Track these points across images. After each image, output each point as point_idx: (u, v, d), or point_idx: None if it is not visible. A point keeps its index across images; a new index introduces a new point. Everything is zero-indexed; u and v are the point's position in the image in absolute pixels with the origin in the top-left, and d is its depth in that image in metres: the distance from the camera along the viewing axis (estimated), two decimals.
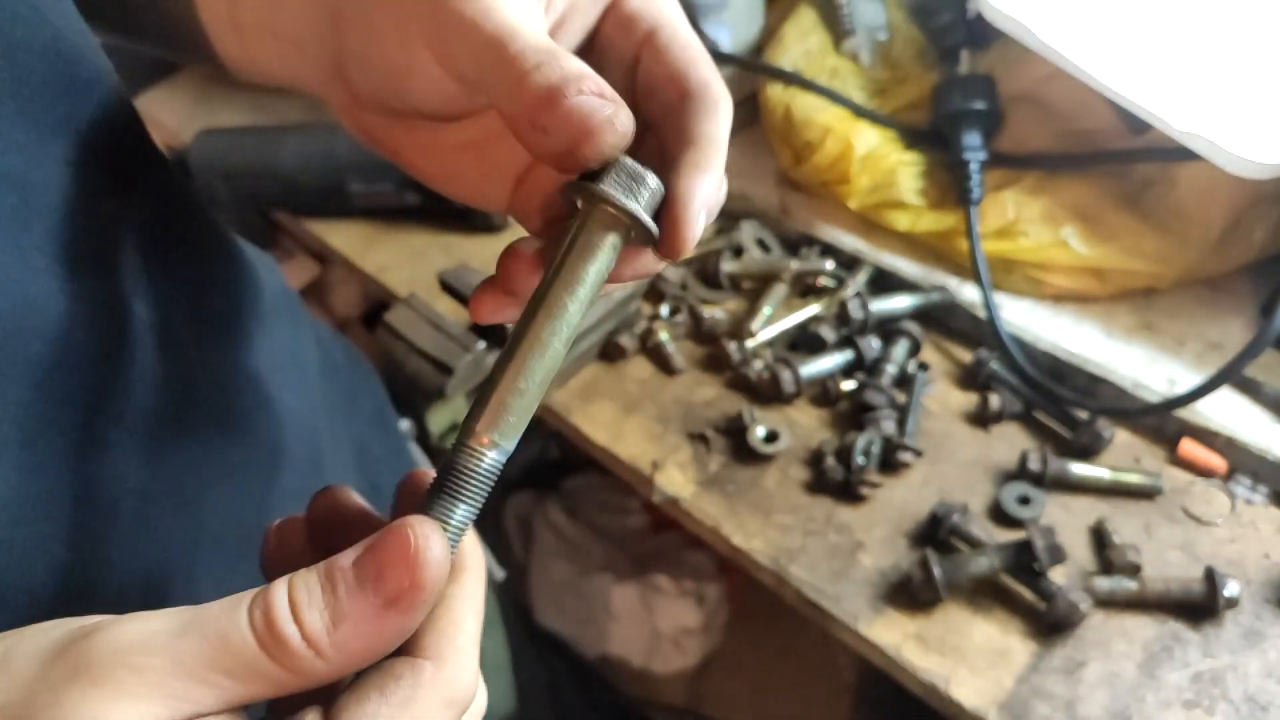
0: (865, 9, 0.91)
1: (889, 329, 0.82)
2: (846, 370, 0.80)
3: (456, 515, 0.30)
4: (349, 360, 0.73)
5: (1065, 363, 0.77)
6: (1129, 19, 0.77)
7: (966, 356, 0.81)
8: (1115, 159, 0.81)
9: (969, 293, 0.82)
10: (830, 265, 0.85)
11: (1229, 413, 0.72)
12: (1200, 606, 0.64)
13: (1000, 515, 0.71)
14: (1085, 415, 0.74)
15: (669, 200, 0.33)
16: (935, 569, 0.65)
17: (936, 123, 0.84)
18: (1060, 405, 0.76)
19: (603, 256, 0.32)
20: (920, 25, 0.90)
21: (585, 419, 0.80)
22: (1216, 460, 0.72)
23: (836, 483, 0.73)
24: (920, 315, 0.84)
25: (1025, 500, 0.71)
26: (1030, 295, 0.82)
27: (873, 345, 0.80)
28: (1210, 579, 0.64)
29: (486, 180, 0.41)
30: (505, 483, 1.62)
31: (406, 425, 0.89)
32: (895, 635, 0.66)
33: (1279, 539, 0.68)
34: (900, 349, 0.80)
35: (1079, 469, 0.72)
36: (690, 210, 0.33)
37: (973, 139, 0.82)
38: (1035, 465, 0.71)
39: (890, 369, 0.79)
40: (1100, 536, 0.69)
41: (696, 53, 0.37)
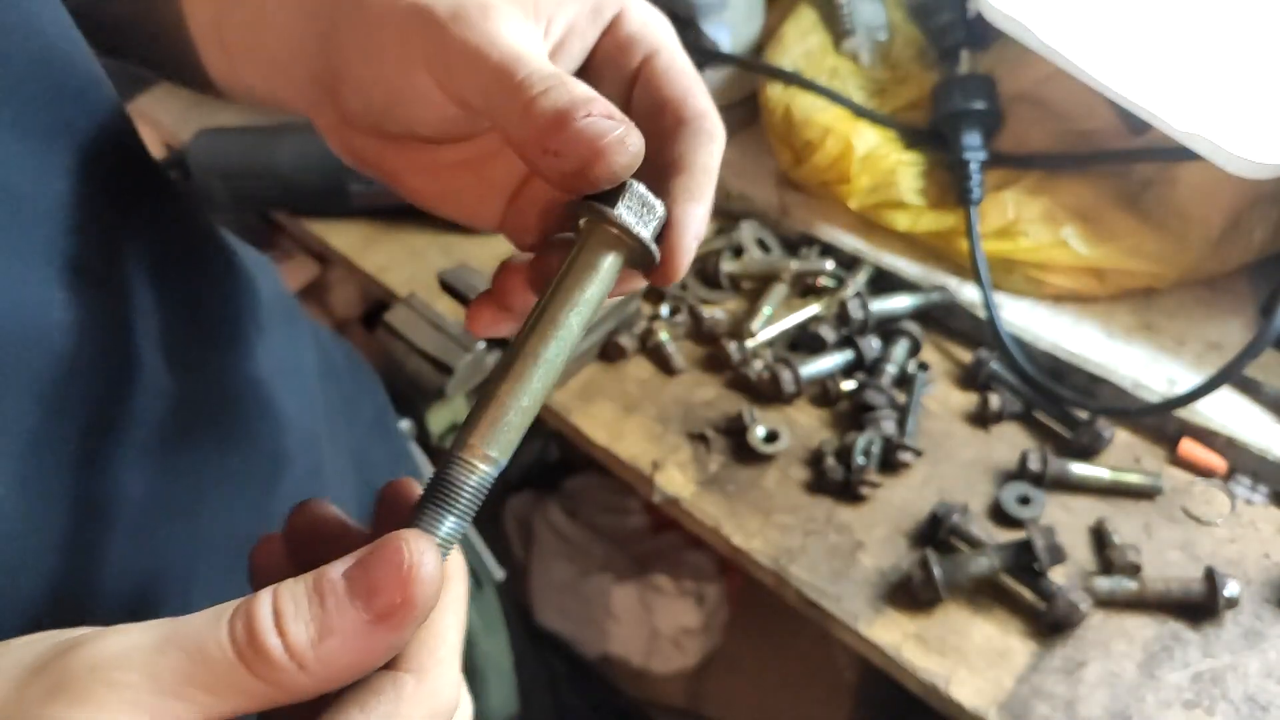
0: (865, 9, 0.91)
1: (889, 329, 0.82)
2: (846, 370, 0.80)
3: (446, 528, 0.30)
4: (349, 364, 0.73)
5: (1065, 363, 0.77)
6: (1129, 19, 0.77)
7: (966, 356, 0.81)
8: (1115, 159, 0.81)
9: (969, 293, 0.82)
10: (830, 265, 0.85)
11: (1229, 413, 0.72)
12: (1200, 606, 0.64)
13: (1000, 515, 0.71)
14: (1085, 415, 0.74)
15: (667, 227, 0.34)
16: (935, 569, 0.65)
17: (936, 123, 0.84)
18: (1060, 405, 0.76)
19: (606, 276, 0.32)
20: (920, 25, 0.90)
21: (585, 419, 0.80)
22: (1216, 460, 0.72)
23: (836, 483, 0.73)
24: (920, 315, 0.84)
25: (1025, 500, 0.71)
26: (1030, 295, 0.82)
27: (873, 345, 0.80)
28: (1210, 579, 0.64)
29: (480, 198, 0.41)
30: (505, 483, 1.62)
31: (406, 425, 0.89)
32: (895, 635, 0.66)
33: (1279, 539, 0.68)
34: (900, 349, 0.80)
35: (1079, 469, 0.72)
36: (687, 238, 0.34)
37: (973, 139, 0.82)
38: (1035, 465, 0.71)
39: (890, 369, 0.79)
40: (1100, 536, 0.69)
41: (693, 81, 0.37)
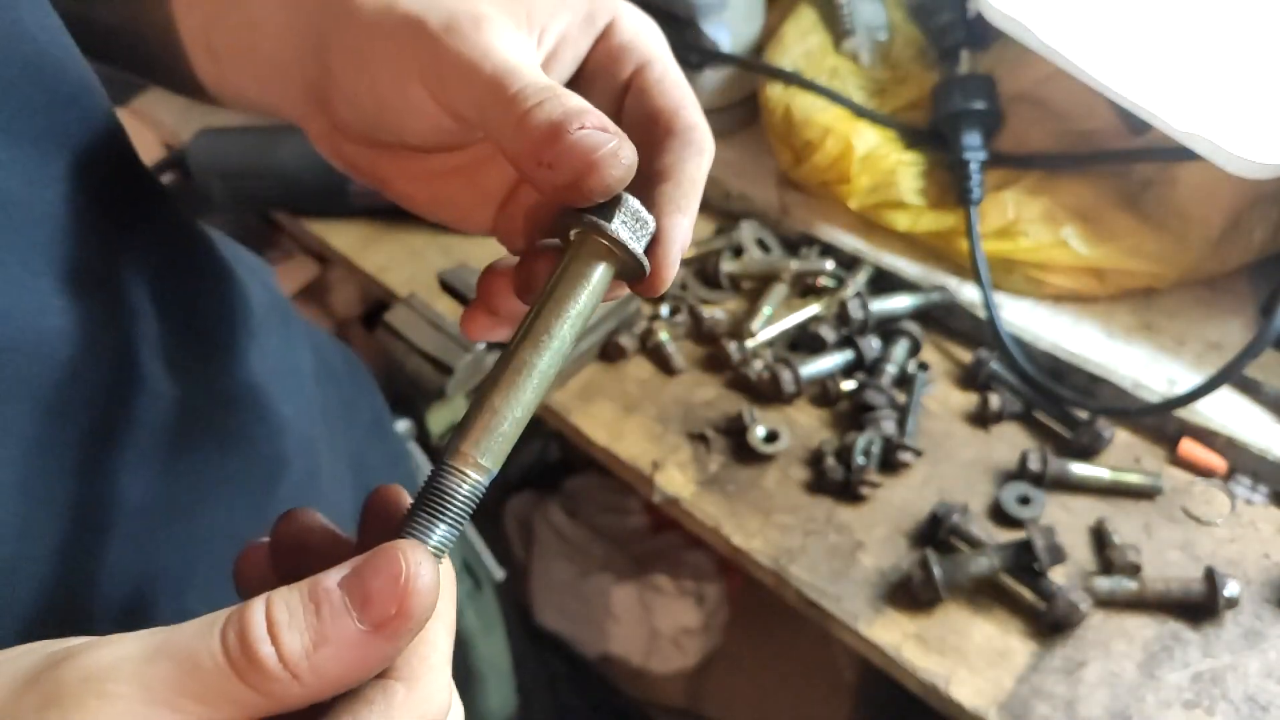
0: (865, 9, 0.91)
1: (889, 329, 0.82)
2: (846, 370, 0.80)
3: (437, 536, 0.29)
4: (347, 367, 0.72)
5: (1065, 363, 0.77)
6: (1129, 19, 0.77)
7: (966, 356, 0.81)
8: (1115, 159, 0.81)
9: (969, 293, 0.82)
10: (830, 265, 0.85)
11: (1229, 413, 0.72)
12: (1200, 606, 0.64)
13: (1000, 515, 0.71)
14: (1085, 415, 0.74)
15: (655, 239, 0.34)
16: (935, 569, 0.65)
17: (936, 123, 0.84)
18: (1060, 405, 0.76)
19: (597, 287, 0.33)
20: (920, 25, 0.90)
21: (585, 419, 0.80)
22: (1216, 460, 0.72)
23: (836, 483, 0.73)
24: (920, 315, 0.84)
25: (1025, 500, 0.71)
26: (1030, 295, 0.82)
27: (873, 345, 0.80)
28: (1210, 579, 0.64)
29: (472, 205, 0.41)
30: (505, 483, 1.62)
31: (406, 425, 0.88)
32: (895, 635, 0.66)
33: (1279, 539, 0.68)
34: (900, 349, 0.80)
35: (1079, 469, 0.72)
36: (673, 251, 0.34)
37: (973, 139, 0.82)
38: (1035, 465, 0.71)
39: (890, 369, 0.79)
40: (1100, 536, 0.69)
41: (685, 93, 0.38)
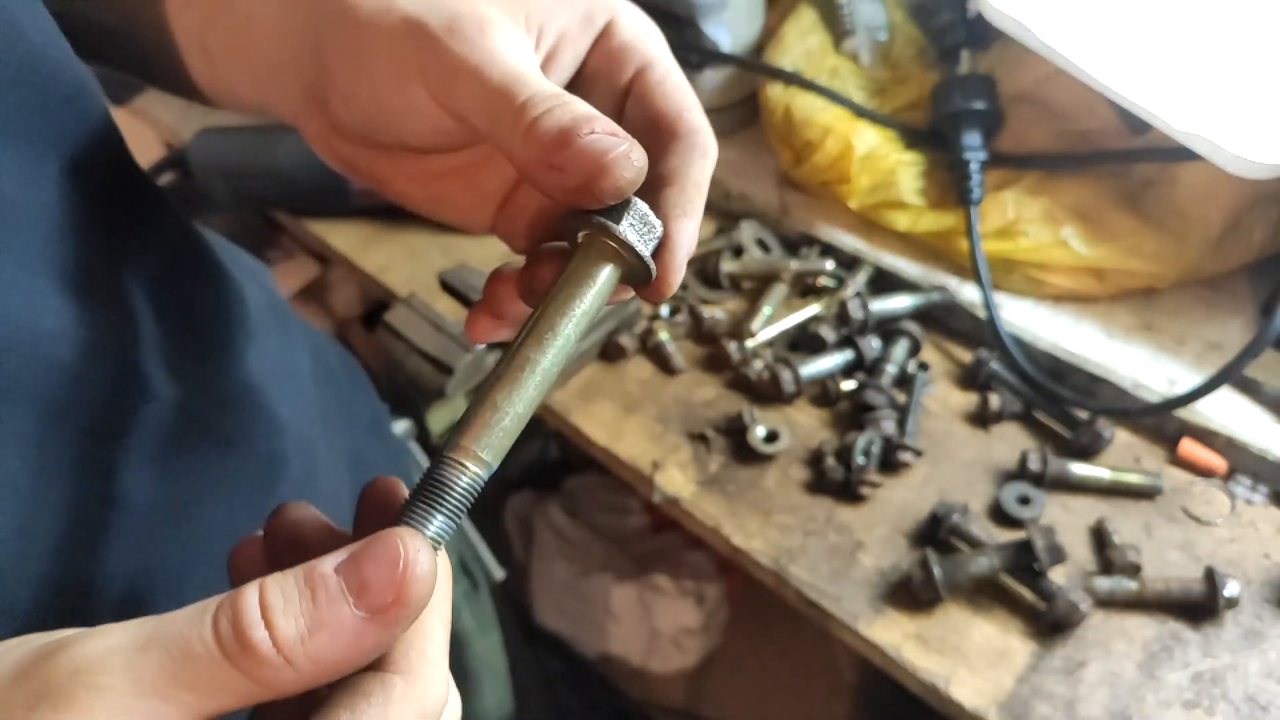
0: (865, 9, 0.91)
1: (889, 329, 0.82)
2: (846, 370, 0.80)
3: (434, 527, 0.30)
4: (344, 368, 0.72)
5: (1065, 363, 0.77)
6: (1129, 19, 0.77)
7: (966, 356, 0.81)
8: (1115, 159, 0.81)
9: (969, 293, 0.82)
10: (830, 265, 0.85)
11: (1229, 413, 0.72)
12: (1200, 606, 0.64)
13: (1000, 515, 0.71)
14: (1085, 415, 0.74)
15: (662, 243, 0.34)
16: (935, 569, 0.65)
17: (936, 123, 0.84)
18: (1060, 405, 0.76)
19: (603, 288, 0.33)
20: (920, 25, 0.90)
21: (585, 419, 0.80)
22: (1216, 460, 0.72)
23: (836, 483, 0.73)
24: (920, 315, 0.84)
25: (1025, 500, 0.71)
26: (1030, 295, 0.82)
27: (873, 345, 0.80)
28: (1210, 579, 0.64)
29: (471, 204, 0.41)
30: (506, 482, 1.62)
31: (406, 425, 0.88)
32: (895, 635, 0.66)
33: (1279, 539, 0.68)
34: (900, 349, 0.80)
35: (1079, 469, 0.72)
36: (680, 255, 0.34)
37: (973, 139, 0.82)
38: (1035, 465, 0.71)
39: (890, 369, 0.79)
40: (1100, 536, 0.69)
41: (687, 95, 0.38)
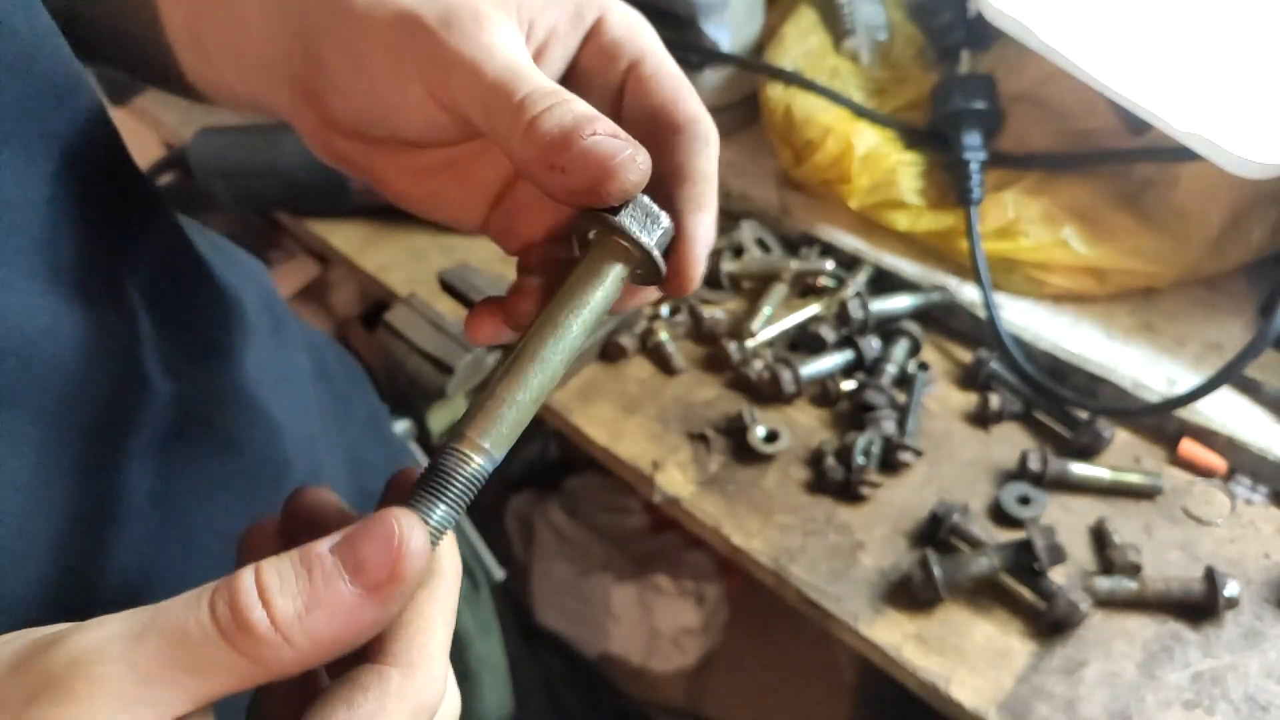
0: (865, 9, 0.91)
1: (889, 329, 0.82)
2: (846, 370, 0.80)
3: (437, 515, 0.30)
4: (341, 366, 0.72)
5: (1065, 363, 0.77)
6: (1129, 19, 0.77)
7: (966, 356, 0.81)
8: (1115, 159, 0.81)
9: (969, 293, 0.82)
10: (830, 265, 0.85)
11: (1229, 413, 0.72)
12: (1200, 606, 0.64)
13: (1000, 515, 0.71)
14: (1085, 415, 0.74)
15: (679, 239, 0.34)
16: (935, 569, 0.65)
17: (936, 123, 0.84)
18: (1060, 405, 0.76)
19: (610, 286, 0.33)
20: (920, 25, 0.90)
21: (585, 419, 0.80)
22: (1216, 460, 0.72)
23: (836, 483, 0.73)
24: (920, 315, 0.84)
25: (1025, 500, 0.71)
26: (1030, 295, 0.82)
27: (873, 345, 0.80)
28: (1210, 579, 0.64)
29: (463, 201, 0.41)
30: (505, 483, 1.62)
31: (406, 425, 0.89)
32: (895, 635, 0.66)
33: (1279, 539, 0.68)
34: (900, 349, 0.80)
35: (1079, 469, 0.72)
36: (698, 249, 0.34)
37: (973, 139, 0.82)
38: (1035, 465, 0.71)
39: (890, 369, 0.79)
40: (1100, 536, 0.69)
41: (682, 84, 0.37)
